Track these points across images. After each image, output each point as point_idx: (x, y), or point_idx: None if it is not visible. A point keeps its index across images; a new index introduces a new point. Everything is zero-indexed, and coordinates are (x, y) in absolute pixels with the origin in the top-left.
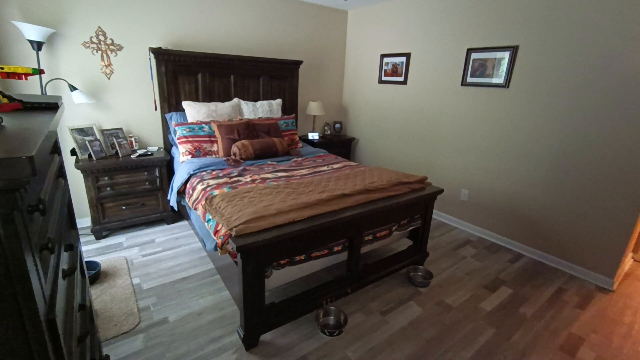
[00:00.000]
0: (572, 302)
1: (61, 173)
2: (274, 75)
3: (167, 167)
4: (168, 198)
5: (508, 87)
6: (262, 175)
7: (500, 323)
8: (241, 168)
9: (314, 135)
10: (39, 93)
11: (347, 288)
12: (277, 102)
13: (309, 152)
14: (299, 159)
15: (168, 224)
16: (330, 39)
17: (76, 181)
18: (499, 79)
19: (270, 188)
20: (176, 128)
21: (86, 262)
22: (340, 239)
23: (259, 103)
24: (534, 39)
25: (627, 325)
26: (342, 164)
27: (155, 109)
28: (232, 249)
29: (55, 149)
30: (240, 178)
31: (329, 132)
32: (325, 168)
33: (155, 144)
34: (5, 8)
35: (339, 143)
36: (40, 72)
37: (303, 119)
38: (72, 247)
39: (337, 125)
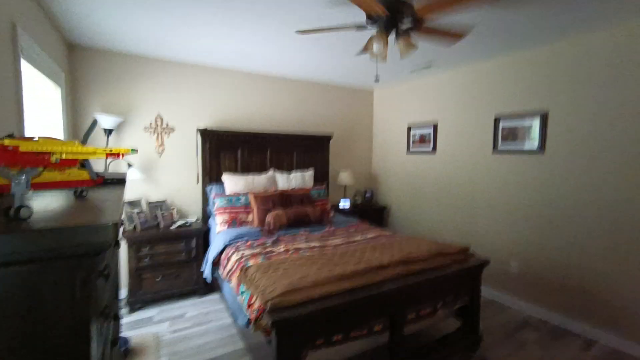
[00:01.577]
0: None
1: (117, 242)
2: (306, 149)
3: (204, 237)
4: (202, 269)
5: (544, 153)
6: (296, 245)
7: None
8: (275, 238)
9: (345, 204)
10: (102, 169)
11: None
12: (309, 173)
13: (341, 220)
14: (332, 228)
15: (200, 296)
16: (358, 114)
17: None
18: (532, 145)
19: (305, 258)
20: (215, 199)
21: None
22: (381, 317)
23: (292, 174)
24: (563, 102)
25: None
26: (375, 233)
27: (197, 182)
28: (267, 324)
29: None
30: (274, 248)
31: (359, 200)
32: (359, 237)
33: (194, 215)
34: (89, 103)
35: (370, 211)
36: (136, 151)
37: (334, 188)
38: (117, 317)
39: (368, 194)
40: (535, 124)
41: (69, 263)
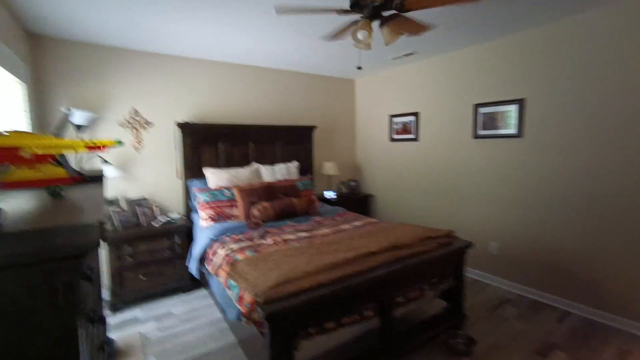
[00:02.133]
0: None
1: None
2: (290, 140)
3: (188, 233)
4: (187, 264)
5: (522, 137)
6: (284, 237)
7: None
8: (262, 230)
9: (330, 194)
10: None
11: (384, 359)
12: (294, 165)
13: (327, 210)
14: (319, 218)
15: (186, 292)
16: (341, 104)
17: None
18: (511, 131)
19: (294, 249)
20: (198, 194)
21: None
22: (371, 302)
23: (276, 166)
24: (540, 89)
25: None
26: (362, 221)
27: (179, 177)
28: (260, 317)
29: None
30: (262, 241)
31: (345, 190)
32: (346, 226)
33: (176, 211)
34: (57, 98)
35: (355, 200)
36: (122, 143)
37: (319, 179)
38: (103, 320)
39: (353, 183)
40: (513, 110)
41: (51, 268)
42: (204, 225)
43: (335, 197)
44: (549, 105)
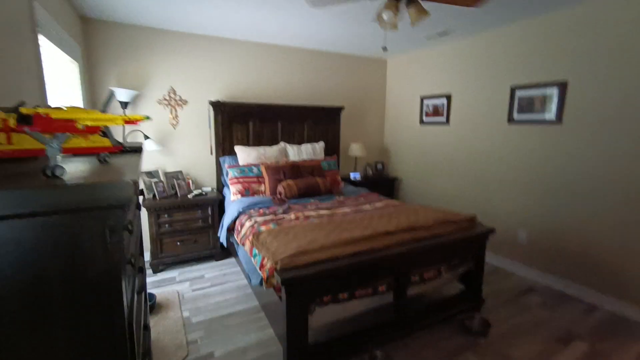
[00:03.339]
0: None
1: (138, 206)
2: (317, 120)
3: (219, 206)
4: (218, 235)
5: (561, 123)
6: (306, 213)
7: None
8: (286, 206)
9: (355, 175)
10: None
11: (395, 332)
12: (320, 145)
13: (351, 191)
14: (342, 198)
15: (217, 260)
16: (371, 84)
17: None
18: (550, 116)
19: (314, 225)
20: (228, 170)
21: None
22: (385, 278)
23: (303, 146)
24: (583, 72)
25: None
26: (384, 202)
27: (211, 154)
28: (277, 282)
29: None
30: (285, 215)
31: (370, 172)
32: (367, 207)
33: (209, 185)
34: (105, 76)
35: (381, 182)
36: (150, 119)
37: (345, 160)
38: (142, 270)
39: (379, 166)
40: (554, 93)
41: (100, 214)
42: (233, 199)
43: (359, 178)
44: (592, 90)
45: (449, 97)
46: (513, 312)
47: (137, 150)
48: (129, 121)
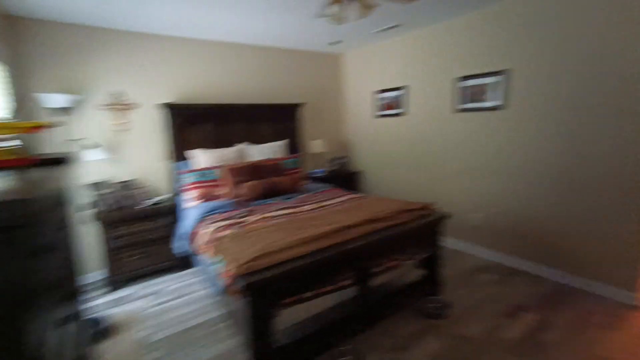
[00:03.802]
0: (597, 323)
1: (65, 224)
2: (277, 118)
3: (177, 214)
4: (175, 244)
5: (506, 109)
6: (268, 214)
7: (524, 353)
8: (249, 208)
9: (319, 172)
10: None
11: (360, 325)
12: (282, 143)
13: (314, 188)
14: (305, 195)
15: (179, 271)
16: (329, 80)
17: (90, 234)
18: (497, 102)
19: (276, 225)
20: (185, 175)
21: (97, 316)
22: (348, 272)
23: (264, 145)
24: (525, 61)
25: None
26: (347, 196)
27: (166, 158)
28: (239, 288)
29: (60, 200)
30: (247, 218)
31: (334, 167)
32: (330, 202)
33: (165, 192)
34: (38, 80)
35: (344, 177)
36: (49, 125)
37: (308, 156)
38: (73, 297)
39: (342, 160)
40: (499, 81)
41: None
42: (191, 205)
43: (323, 174)
44: (534, 76)
45: (402, 90)
46: (469, 292)
47: (58, 161)
48: (32, 128)
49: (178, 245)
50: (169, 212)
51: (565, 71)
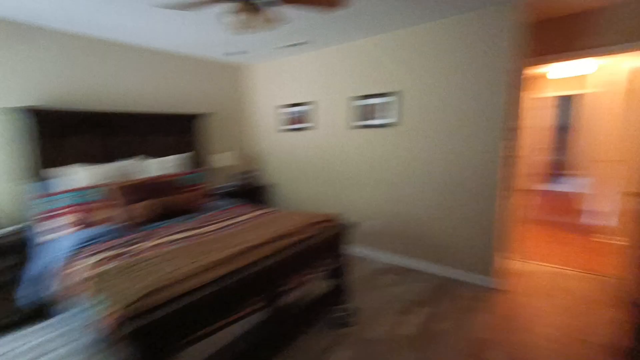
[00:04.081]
0: (474, 308)
1: None
2: (178, 130)
3: (28, 251)
4: (23, 292)
5: (400, 125)
6: (166, 238)
7: (421, 346)
8: (142, 233)
9: (227, 187)
10: None
11: (272, 350)
12: (184, 157)
13: (221, 205)
14: (210, 213)
15: (32, 325)
16: (236, 91)
17: None
18: (392, 119)
19: (174, 252)
20: (52, 198)
21: None
22: (257, 295)
23: (162, 159)
24: (415, 82)
25: (522, 317)
26: (255, 212)
27: (15, 180)
28: (125, 334)
29: None
30: (139, 245)
31: (244, 181)
32: (237, 220)
33: (18, 222)
34: None
35: (255, 191)
36: None
37: (214, 171)
38: None
39: (252, 174)
40: (393, 101)
41: None
42: (59, 235)
43: (232, 189)
44: (421, 98)
45: (311, 105)
46: (372, 295)
47: None
48: None
49: (29, 293)
50: (15, 251)
51: (444, 95)
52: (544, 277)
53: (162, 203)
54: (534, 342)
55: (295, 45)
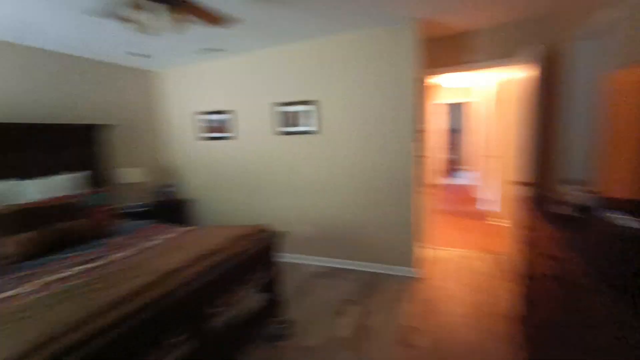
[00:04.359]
0: (400, 299)
1: None
2: (75, 143)
3: None
4: None
5: (320, 133)
6: (58, 275)
7: (356, 344)
8: (20, 274)
9: (138, 206)
10: None
11: None
12: (82, 175)
13: (131, 227)
14: (117, 238)
15: None
16: (144, 99)
17: None
18: (313, 127)
19: (70, 291)
20: None
21: None
22: (181, 325)
23: (51, 179)
24: (329, 93)
25: (440, 301)
26: (174, 232)
27: None
28: None
29: None
30: (15, 290)
31: (158, 198)
32: (152, 242)
33: None
34: None
35: (172, 208)
36: None
37: (121, 189)
38: None
39: (167, 189)
40: (312, 109)
41: None
42: None
43: (144, 208)
44: (337, 107)
45: (231, 113)
46: (307, 301)
47: None
48: None
49: None
50: None
51: (359, 103)
52: (452, 261)
53: (52, 233)
54: (452, 321)
55: (211, 50)
